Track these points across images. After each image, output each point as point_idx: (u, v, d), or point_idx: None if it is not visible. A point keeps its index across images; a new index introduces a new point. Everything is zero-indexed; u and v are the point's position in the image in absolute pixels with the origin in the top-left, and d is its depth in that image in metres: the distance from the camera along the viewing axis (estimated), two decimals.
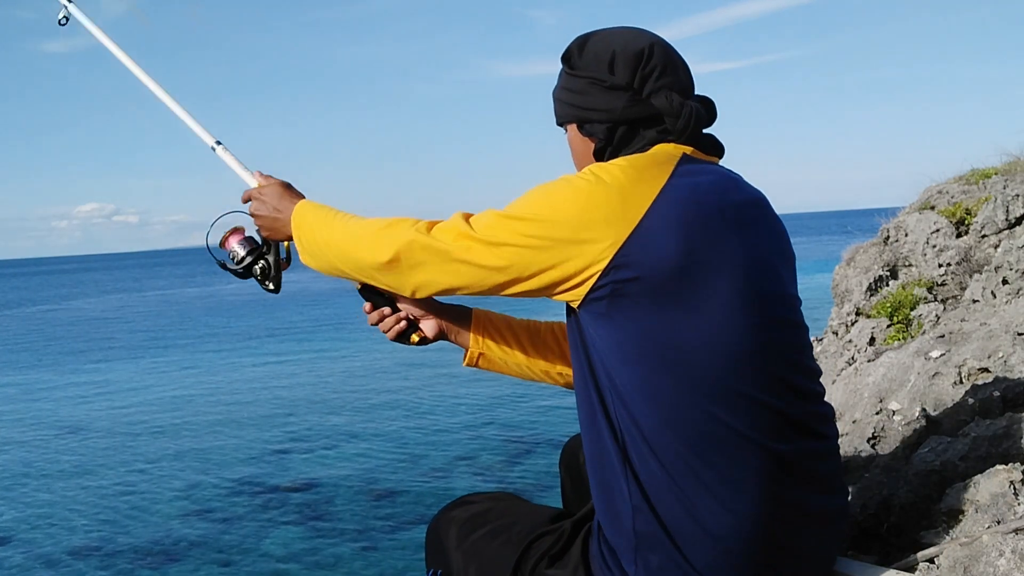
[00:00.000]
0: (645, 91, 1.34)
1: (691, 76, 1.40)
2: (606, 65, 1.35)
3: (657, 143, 1.33)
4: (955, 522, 1.68)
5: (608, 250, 1.20)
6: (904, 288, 4.27)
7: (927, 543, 1.65)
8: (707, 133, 1.39)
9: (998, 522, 1.56)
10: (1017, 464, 1.72)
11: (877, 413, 2.52)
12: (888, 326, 4.01)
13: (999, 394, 2.16)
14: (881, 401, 2.67)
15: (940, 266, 4.30)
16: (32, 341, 27.36)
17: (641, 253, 1.20)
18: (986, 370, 2.48)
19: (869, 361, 3.21)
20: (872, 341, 4.00)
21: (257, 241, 1.73)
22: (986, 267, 3.72)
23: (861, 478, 2.02)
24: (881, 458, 2.18)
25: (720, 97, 1.41)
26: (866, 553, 1.75)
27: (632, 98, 1.34)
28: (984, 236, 4.26)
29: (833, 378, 3.55)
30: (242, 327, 26.74)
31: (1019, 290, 3.30)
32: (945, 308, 3.84)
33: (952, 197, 4.92)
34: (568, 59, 1.42)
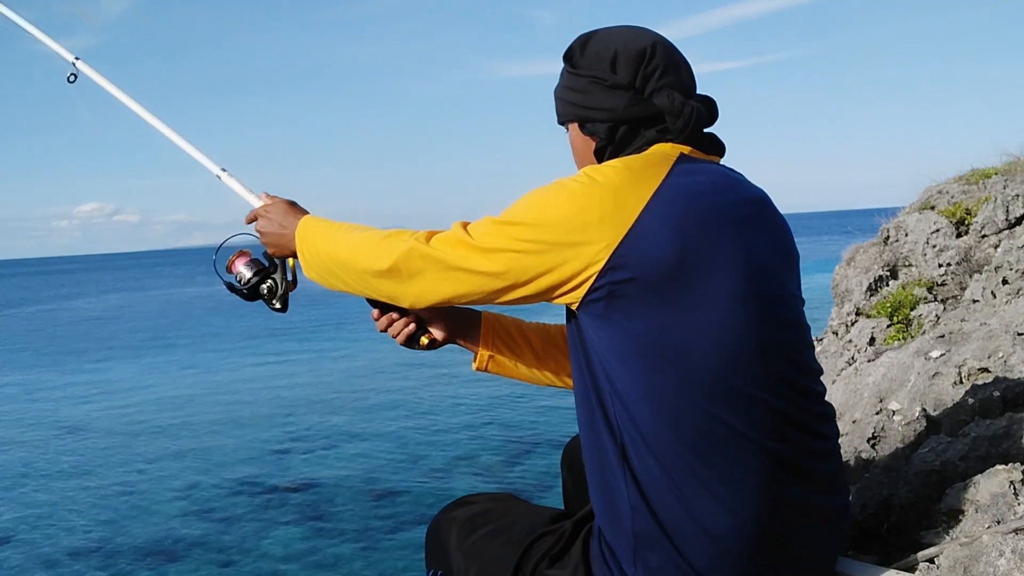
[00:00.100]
0: (647, 90, 1.34)
1: (693, 75, 1.40)
2: (608, 64, 1.35)
3: (656, 143, 1.33)
4: (955, 522, 1.68)
5: (604, 251, 1.20)
6: (904, 288, 4.27)
7: (927, 543, 1.65)
8: (707, 132, 1.38)
9: (998, 522, 1.56)
10: (1017, 464, 1.72)
11: (877, 413, 2.51)
12: (888, 326, 4.01)
13: (999, 394, 2.16)
14: (881, 401, 2.67)
15: (940, 266, 4.30)
16: (32, 341, 27.35)
17: (637, 254, 1.19)
18: (986, 370, 2.48)
19: (869, 361, 3.21)
20: (872, 341, 4.00)
21: (263, 263, 1.75)
22: (986, 267, 3.72)
23: (861, 478, 2.02)
24: (881, 458, 2.18)
25: (720, 97, 1.41)
26: (866, 553, 1.75)
27: (634, 97, 1.34)
28: (984, 236, 4.26)
29: (833, 378, 3.55)
30: (242, 327, 26.73)
31: (1019, 290, 3.30)
32: (945, 308, 3.84)
33: (952, 197, 4.92)
34: (570, 58, 1.42)
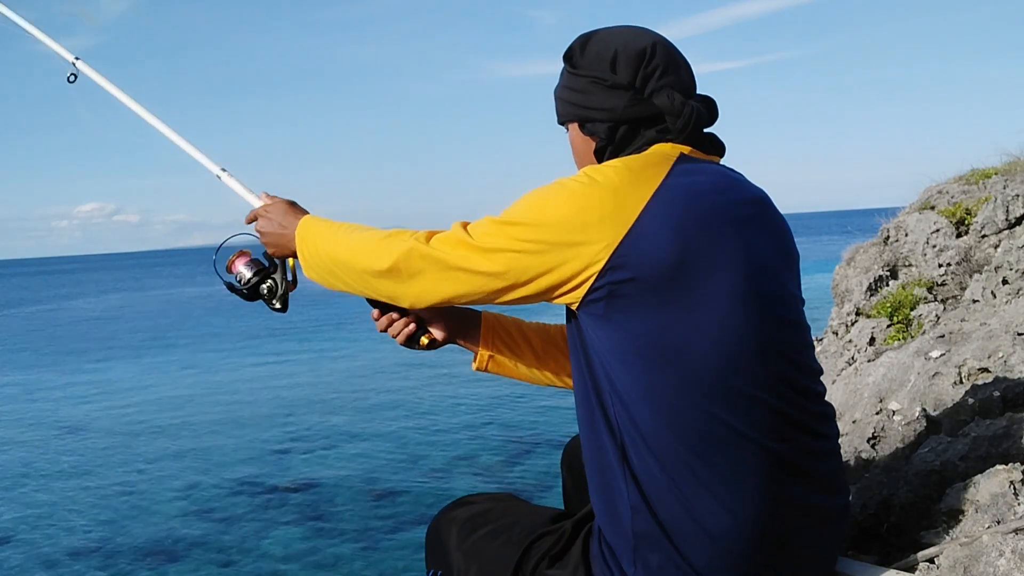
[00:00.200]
0: (647, 90, 1.34)
1: (693, 75, 1.40)
2: (608, 64, 1.35)
3: (656, 143, 1.33)
4: (955, 522, 1.68)
5: (603, 251, 1.20)
6: (904, 288, 4.27)
7: (927, 543, 1.65)
8: (707, 132, 1.38)
9: (998, 522, 1.56)
10: (1017, 464, 1.72)
11: (877, 413, 2.52)
12: (888, 326, 4.01)
13: (999, 394, 2.16)
14: (881, 401, 2.67)
15: (940, 266, 4.30)
16: (32, 341, 27.34)
17: (636, 254, 1.19)
18: (986, 370, 2.48)
19: (869, 361, 3.21)
20: (872, 341, 4.00)
21: (263, 263, 1.75)
22: (986, 267, 3.72)
23: (861, 478, 2.02)
24: (881, 458, 2.18)
25: (720, 97, 1.41)
26: (866, 553, 1.75)
27: (634, 97, 1.34)
28: (984, 236, 4.26)
29: (833, 378, 3.56)
30: (242, 327, 26.73)
31: (1019, 290, 3.30)
32: (945, 308, 3.84)
33: (952, 197, 4.92)
34: (570, 58, 1.42)
